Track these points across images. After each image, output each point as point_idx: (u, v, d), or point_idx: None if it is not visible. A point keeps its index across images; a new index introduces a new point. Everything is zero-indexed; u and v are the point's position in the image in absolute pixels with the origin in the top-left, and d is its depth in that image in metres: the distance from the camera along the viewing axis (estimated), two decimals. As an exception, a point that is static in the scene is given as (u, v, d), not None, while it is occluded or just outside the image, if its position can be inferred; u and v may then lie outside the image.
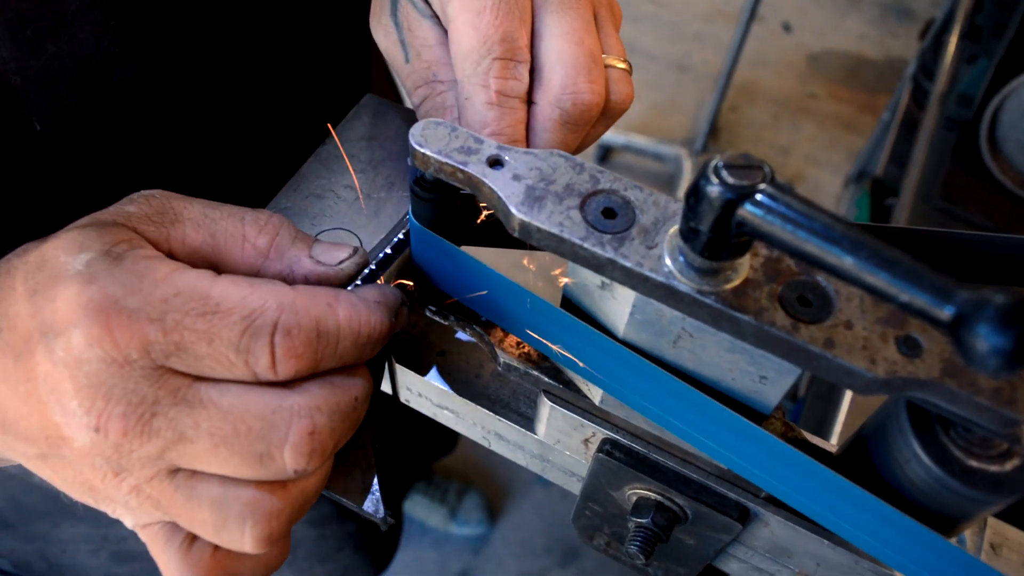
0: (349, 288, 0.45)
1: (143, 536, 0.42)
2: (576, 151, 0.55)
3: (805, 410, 1.64)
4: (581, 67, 0.49)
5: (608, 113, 0.52)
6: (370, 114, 0.63)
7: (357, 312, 0.41)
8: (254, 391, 0.38)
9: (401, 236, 0.49)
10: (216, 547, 0.41)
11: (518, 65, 0.49)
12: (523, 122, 0.50)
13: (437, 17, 0.52)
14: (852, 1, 3.40)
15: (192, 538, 0.41)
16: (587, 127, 0.51)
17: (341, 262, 0.44)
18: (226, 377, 0.38)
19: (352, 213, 0.57)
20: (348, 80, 0.87)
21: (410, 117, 0.63)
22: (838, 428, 1.27)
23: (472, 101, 0.49)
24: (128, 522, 0.41)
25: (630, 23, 3.20)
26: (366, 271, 0.46)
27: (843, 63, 3.20)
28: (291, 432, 0.38)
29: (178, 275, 0.38)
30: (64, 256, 0.38)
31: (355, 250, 0.45)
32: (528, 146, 0.50)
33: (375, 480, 0.48)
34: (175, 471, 0.38)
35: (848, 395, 1.33)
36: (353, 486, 0.49)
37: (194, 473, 0.39)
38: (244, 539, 0.39)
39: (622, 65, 0.52)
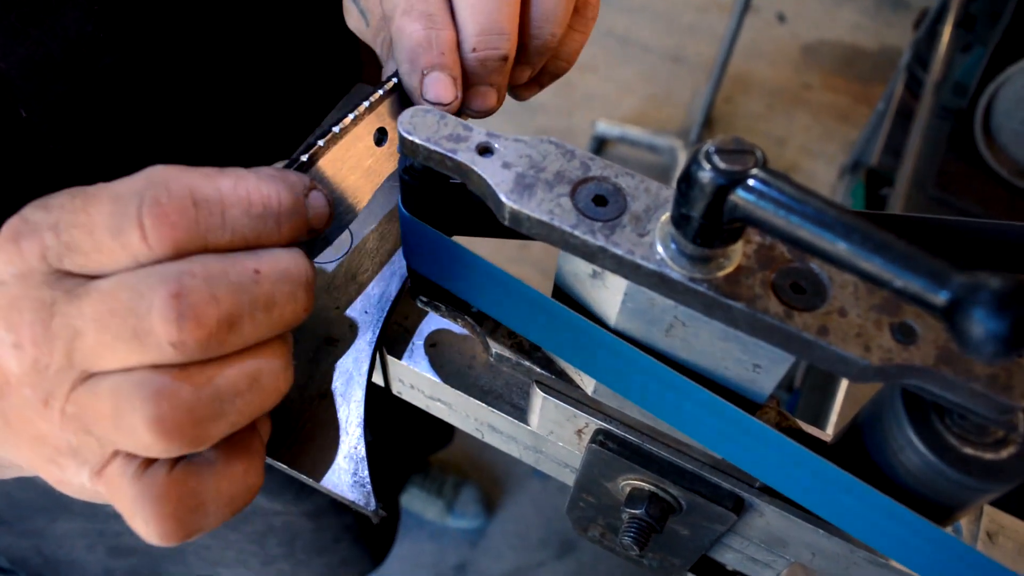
0: None
1: (101, 488, 0.39)
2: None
3: (801, 401, 1.64)
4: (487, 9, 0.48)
5: (531, 52, 0.52)
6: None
7: (244, 180, 0.38)
8: (133, 271, 0.36)
9: (336, 129, 0.46)
10: (171, 469, 0.38)
11: None
12: (452, 48, 0.49)
13: None
14: (846, -9, 3.40)
15: (144, 465, 0.38)
16: (504, 68, 0.50)
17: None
18: (114, 268, 0.36)
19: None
20: (337, 68, 0.86)
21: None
22: (833, 418, 1.27)
23: (402, 30, 0.48)
24: (85, 476, 0.39)
25: (624, 14, 3.19)
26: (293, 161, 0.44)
27: (838, 53, 3.19)
28: (155, 295, 0.35)
29: (80, 189, 0.37)
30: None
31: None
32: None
33: (367, 472, 0.48)
34: (85, 377, 0.37)
35: (843, 386, 1.33)
36: (316, 464, 0.48)
37: (100, 374, 0.37)
38: (136, 421, 0.35)
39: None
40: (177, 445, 0.36)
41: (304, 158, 0.44)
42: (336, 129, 0.46)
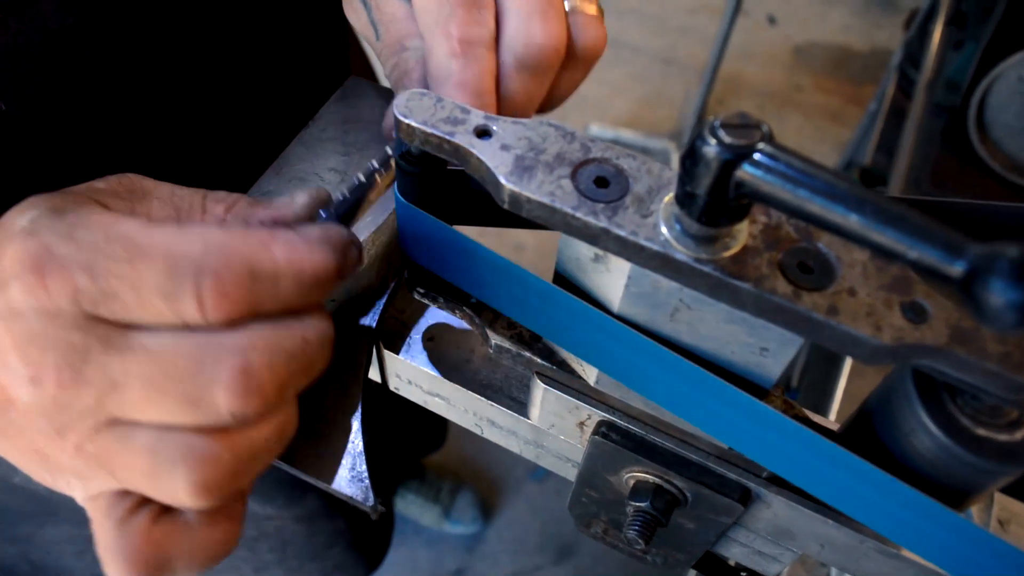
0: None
1: (89, 509, 0.39)
2: (549, 103, 0.53)
3: (799, 399, 1.63)
4: (533, 9, 0.48)
5: (576, 58, 0.51)
6: (354, 96, 0.62)
7: (296, 250, 0.37)
8: (185, 334, 0.36)
9: (361, 178, 0.45)
10: (154, 521, 0.38)
11: (481, 10, 0.47)
12: (491, 73, 0.48)
13: None
14: (836, -7, 3.41)
15: (132, 509, 0.38)
16: (549, 73, 0.49)
17: (294, 198, 0.42)
18: (157, 324, 0.36)
19: (318, 187, 0.56)
20: (327, 62, 0.85)
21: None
22: (832, 416, 1.26)
23: (435, 53, 0.47)
24: (79, 494, 0.39)
25: (614, 17, 3.19)
26: (324, 214, 0.43)
27: (829, 55, 3.20)
28: (221, 369, 0.35)
29: (110, 221, 0.36)
30: (14, 216, 0.37)
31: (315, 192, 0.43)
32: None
33: (365, 467, 0.47)
34: (114, 423, 0.36)
35: (842, 384, 1.33)
36: (326, 467, 0.47)
37: (133, 423, 0.36)
38: (177, 483, 0.36)
39: (591, 11, 0.51)
40: (212, 503, 0.37)
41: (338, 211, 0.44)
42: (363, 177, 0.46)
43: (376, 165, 0.45)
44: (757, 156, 0.31)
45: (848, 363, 1.35)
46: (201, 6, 0.65)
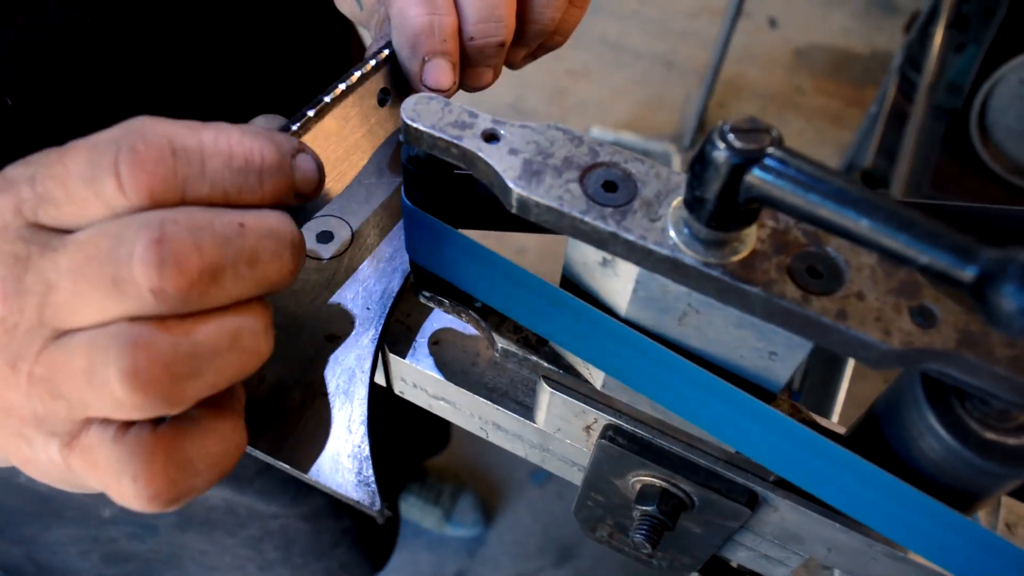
0: None
1: (77, 459, 0.36)
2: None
3: (802, 402, 1.63)
4: None
5: (529, 36, 0.51)
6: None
7: (224, 133, 0.36)
8: (110, 221, 0.35)
9: (327, 98, 0.45)
10: (153, 428, 0.36)
11: None
12: (454, 34, 0.48)
13: None
14: (836, -5, 3.41)
15: (123, 428, 0.36)
16: (501, 52, 0.50)
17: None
18: (89, 219, 0.35)
19: (342, 199, 0.56)
20: (328, 56, 0.85)
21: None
22: (835, 419, 1.26)
23: (404, 14, 0.48)
24: (54, 449, 0.37)
25: (615, 21, 3.19)
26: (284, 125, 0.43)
27: (829, 57, 3.20)
28: (137, 241, 0.33)
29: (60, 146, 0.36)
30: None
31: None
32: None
33: (371, 472, 0.47)
34: (56, 335, 0.35)
35: (844, 386, 1.32)
36: (302, 453, 0.46)
37: (73, 331, 0.35)
38: (111, 375, 0.33)
39: None
40: (152, 401, 0.34)
41: (295, 127, 0.44)
42: (327, 99, 0.45)
43: (344, 86, 0.46)
44: (768, 160, 0.31)
45: (850, 366, 1.35)
46: (206, 5, 0.65)
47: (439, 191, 0.44)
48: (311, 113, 0.44)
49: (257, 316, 0.37)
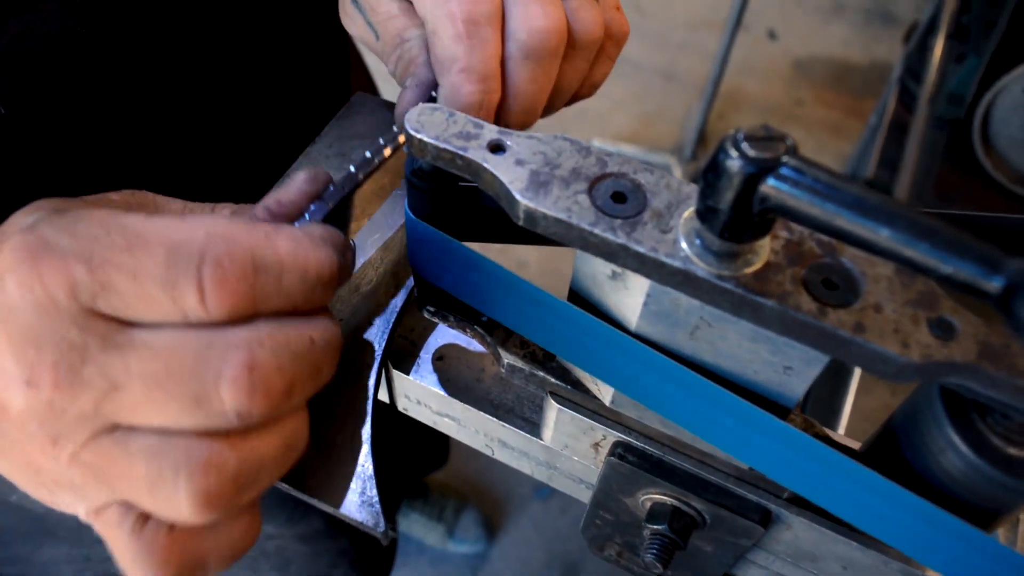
0: (296, 224, 0.42)
1: (97, 526, 0.37)
2: (557, 95, 0.53)
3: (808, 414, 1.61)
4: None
5: (576, 46, 0.50)
6: (359, 112, 0.61)
7: (300, 245, 0.36)
8: (187, 330, 0.34)
9: (352, 169, 0.44)
10: (172, 525, 0.37)
11: None
12: (497, 57, 0.47)
13: None
14: (835, 7, 3.42)
15: (145, 518, 0.36)
16: (553, 60, 0.48)
17: (292, 177, 0.41)
18: (157, 319, 0.34)
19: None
20: (330, 78, 0.85)
21: (403, 115, 0.61)
22: (840, 432, 1.24)
23: (439, 36, 0.46)
24: (80, 510, 0.37)
25: (615, 34, 3.19)
26: (313, 207, 0.42)
27: (829, 69, 3.20)
28: (226, 365, 0.33)
29: (111, 216, 0.35)
30: (17, 218, 0.36)
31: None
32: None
33: (375, 491, 0.46)
34: (112, 428, 0.34)
35: (850, 400, 1.31)
36: (336, 490, 0.46)
37: (132, 429, 0.34)
38: (179, 494, 0.34)
39: None
40: (213, 517, 0.35)
41: (332, 203, 0.44)
42: (360, 176, 0.45)
43: (368, 155, 0.45)
44: (783, 170, 0.30)
45: (856, 379, 1.34)
46: (204, 16, 0.65)
47: (443, 204, 0.43)
48: (347, 190, 0.44)
49: (305, 416, 0.38)
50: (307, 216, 0.42)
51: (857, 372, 1.26)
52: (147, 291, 0.33)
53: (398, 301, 0.53)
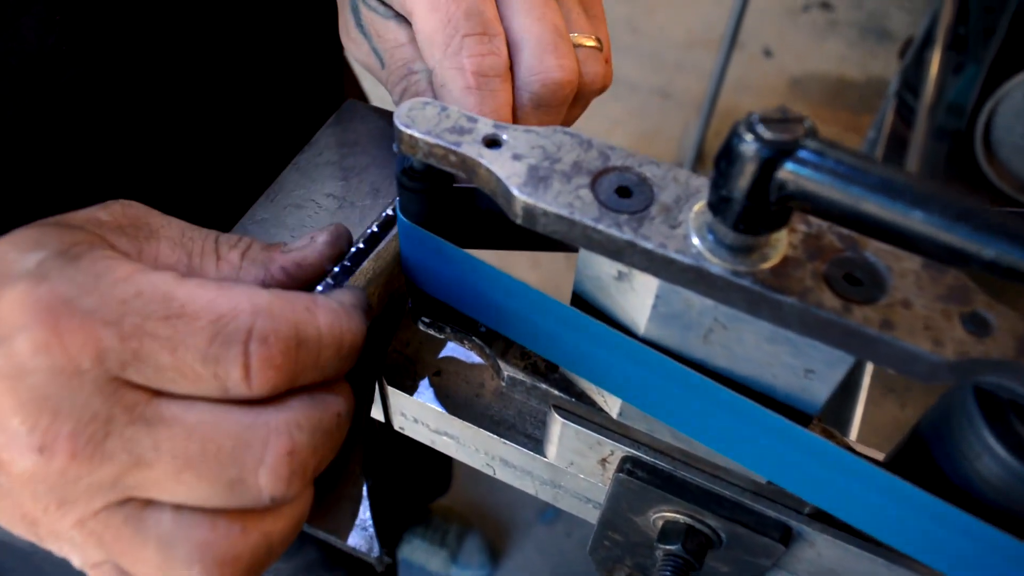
0: (320, 287, 0.40)
1: (92, 575, 0.36)
2: None
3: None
4: (547, 44, 0.45)
5: (581, 94, 0.49)
6: (351, 119, 0.59)
7: (338, 318, 0.35)
8: (225, 407, 0.33)
9: (375, 229, 0.43)
10: None
11: (492, 39, 0.44)
12: (508, 105, 0.46)
13: (401, 16, 0.49)
14: (830, 24, 3.42)
15: None
16: (562, 108, 0.47)
17: (314, 238, 0.40)
18: (192, 393, 0.32)
19: (334, 223, 0.53)
20: (321, 85, 0.83)
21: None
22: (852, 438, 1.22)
23: (448, 88, 0.45)
24: (76, 561, 0.35)
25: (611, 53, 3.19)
26: (336, 268, 0.41)
27: (825, 85, 3.20)
28: (268, 452, 0.32)
29: (140, 275, 0.33)
30: (15, 254, 0.33)
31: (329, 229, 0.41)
32: None
33: (368, 515, 0.43)
34: (126, 502, 0.32)
35: (859, 411, 1.28)
36: (342, 521, 0.43)
37: (147, 504, 0.33)
38: None
39: (591, 43, 0.49)
40: None
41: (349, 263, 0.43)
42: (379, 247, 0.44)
43: (391, 212, 0.43)
44: (802, 153, 0.28)
45: (864, 391, 1.31)
46: (187, 28, 0.63)
47: (436, 206, 0.40)
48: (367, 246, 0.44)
49: (312, 490, 0.37)
50: (330, 280, 0.41)
51: (866, 384, 1.24)
52: (187, 364, 0.32)
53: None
